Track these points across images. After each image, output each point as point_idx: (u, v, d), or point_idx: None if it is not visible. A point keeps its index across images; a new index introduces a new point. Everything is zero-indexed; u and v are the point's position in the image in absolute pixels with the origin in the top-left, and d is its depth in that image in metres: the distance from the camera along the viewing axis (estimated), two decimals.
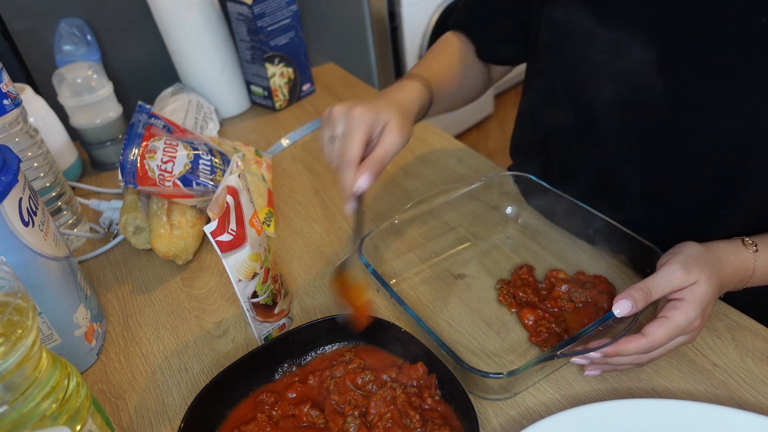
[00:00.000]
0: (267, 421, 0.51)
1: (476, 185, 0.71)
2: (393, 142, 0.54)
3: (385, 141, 0.54)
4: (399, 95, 0.62)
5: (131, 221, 0.75)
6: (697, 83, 0.52)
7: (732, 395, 0.52)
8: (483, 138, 2.65)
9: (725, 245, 0.55)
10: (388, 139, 0.54)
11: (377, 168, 0.53)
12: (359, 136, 0.53)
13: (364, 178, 0.52)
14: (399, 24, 1.93)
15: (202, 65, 1.05)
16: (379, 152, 0.53)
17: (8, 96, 0.68)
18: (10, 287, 0.40)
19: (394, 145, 0.54)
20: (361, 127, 0.53)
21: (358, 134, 0.53)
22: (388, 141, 0.54)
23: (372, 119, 0.54)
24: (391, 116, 0.55)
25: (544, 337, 0.57)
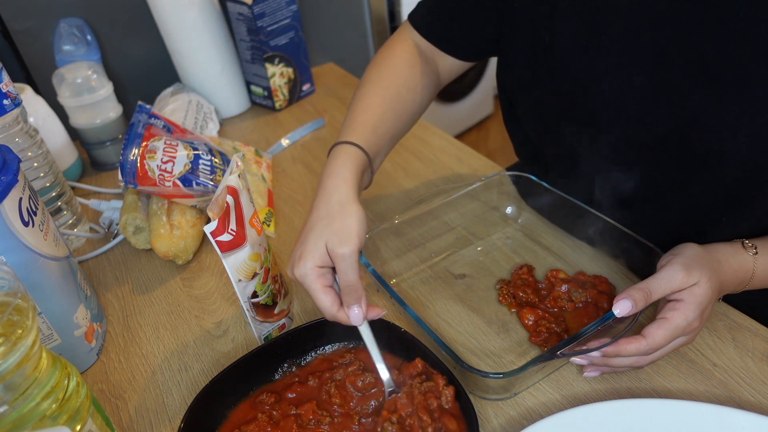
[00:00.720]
0: (267, 421, 0.51)
1: (476, 185, 0.71)
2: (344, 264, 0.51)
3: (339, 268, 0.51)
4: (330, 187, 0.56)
5: (131, 221, 0.75)
6: (701, 98, 0.52)
7: (732, 395, 0.52)
8: (483, 138, 2.65)
9: (725, 247, 0.55)
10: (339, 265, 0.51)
11: (354, 296, 0.51)
12: (318, 292, 0.52)
13: (353, 314, 0.51)
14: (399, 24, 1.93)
15: (202, 65, 1.05)
16: (343, 284, 0.52)
17: (8, 96, 0.68)
18: (10, 287, 0.40)
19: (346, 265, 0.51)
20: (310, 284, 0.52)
21: (315, 292, 0.52)
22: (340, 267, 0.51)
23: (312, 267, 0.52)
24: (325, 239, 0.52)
25: (544, 337, 0.57)
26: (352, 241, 0.51)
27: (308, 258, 0.51)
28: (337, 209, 0.53)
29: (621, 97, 0.57)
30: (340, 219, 0.52)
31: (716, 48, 0.50)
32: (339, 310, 0.52)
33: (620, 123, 0.59)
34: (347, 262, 0.51)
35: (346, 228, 0.52)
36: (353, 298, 0.51)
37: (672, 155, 0.57)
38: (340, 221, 0.52)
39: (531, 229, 0.74)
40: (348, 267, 0.51)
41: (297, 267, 0.52)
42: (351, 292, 0.51)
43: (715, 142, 0.53)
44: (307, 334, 0.57)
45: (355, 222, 0.52)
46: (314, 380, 0.55)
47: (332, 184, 0.56)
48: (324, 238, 0.52)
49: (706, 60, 0.51)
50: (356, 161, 0.58)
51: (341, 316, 0.52)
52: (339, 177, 0.56)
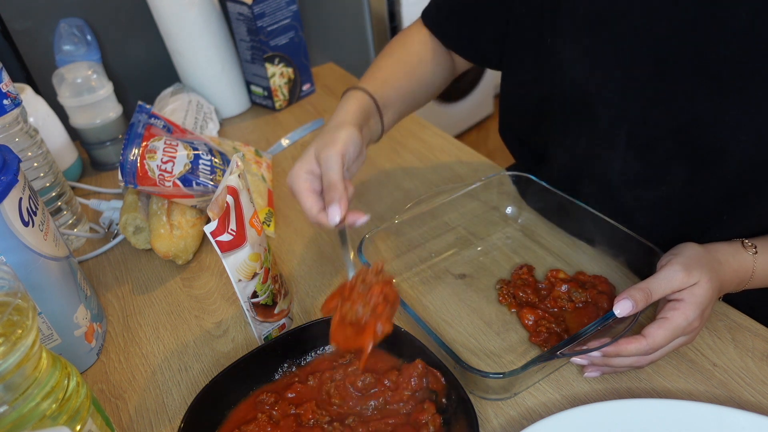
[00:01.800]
0: (267, 421, 0.51)
1: (476, 185, 0.71)
2: (327, 164, 0.54)
3: (324, 168, 0.55)
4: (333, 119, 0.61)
5: (131, 221, 0.75)
6: (703, 97, 0.52)
7: (732, 395, 0.52)
8: (483, 138, 2.65)
9: (725, 247, 0.55)
10: (323, 165, 0.55)
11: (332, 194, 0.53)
12: (303, 194, 0.55)
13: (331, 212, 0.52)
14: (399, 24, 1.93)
15: (202, 65, 1.05)
16: (324, 181, 0.54)
17: (8, 96, 0.68)
18: (10, 287, 0.40)
19: (329, 163, 0.54)
20: (299, 186, 0.55)
21: (301, 193, 0.55)
22: (324, 166, 0.55)
23: (301, 173, 0.55)
24: (315, 147, 0.56)
25: (544, 337, 0.57)
26: (336, 145, 0.55)
27: (298, 165, 0.56)
28: (331, 128, 0.58)
29: (622, 96, 0.57)
30: (331, 133, 0.57)
31: (718, 47, 0.50)
32: (320, 212, 0.54)
33: (621, 123, 0.59)
34: (330, 161, 0.54)
35: (333, 137, 0.56)
36: (332, 197, 0.52)
37: (673, 154, 0.57)
38: (331, 134, 0.57)
39: (531, 229, 0.74)
40: (330, 166, 0.54)
41: (290, 175, 0.56)
42: (331, 190, 0.53)
43: (717, 141, 0.53)
44: (307, 334, 0.57)
45: (344, 134, 0.56)
46: (314, 380, 0.55)
47: (334, 116, 0.61)
48: (315, 150, 0.56)
49: (708, 59, 0.51)
50: (361, 102, 0.63)
51: (321, 218, 0.53)
52: (341, 110, 0.62)
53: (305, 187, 0.55)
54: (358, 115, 0.62)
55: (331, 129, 0.58)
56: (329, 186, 0.53)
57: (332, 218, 0.52)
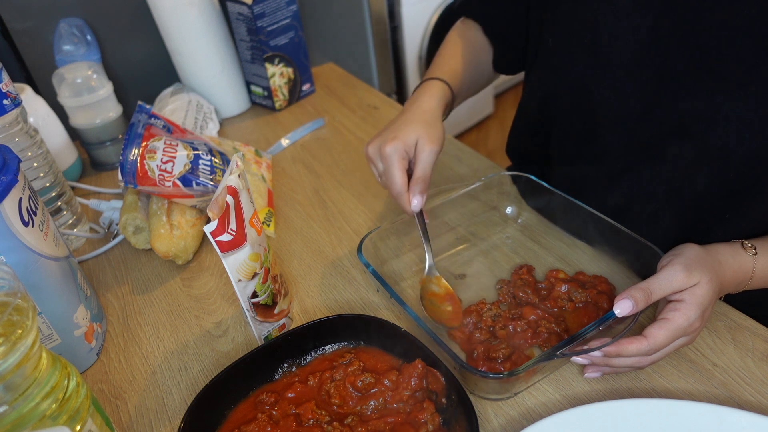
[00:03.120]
0: (267, 421, 0.51)
1: (476, 185, 0.71)
2: (427, 157, 0.61)
3: (421, 159, 0.61)
4: (422, 106, 0.66)
5: (131, 221, 0.75)
6: (704, 93, 0.52)
7: (732, 395, 0.52)
8: (483, 138, 2.64)
9: (725, 248, 0.55)
10: (422, 156, 0.61)
11: (422, 186, 0.60)
12: (396, 169, 0.61)
13: (415, 200, 0.60)
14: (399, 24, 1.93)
15: (202, 65, 1.05)
16: (419, 172, 0.61)
17: (8, 96, 0.68)
18: (10, 287, 0.40)
19: (428, 159, 0.61)
20: (394, 160, 0.61)
21: (395, 168, 0.61)
22: (423, 158, 0.61)
23: (401, 148, 0.61)
24: (418, 133, 0.62)
25: (544, 337, 0.57)
26: (438, 144, 0.62)
27: (401, 141, 0.61)
28: (431, 120, 0.64)
29: (623, 95, 0.58)
30: (434, 127, 0.63)
31: (719, 45, 0.50)
32: (404, 191, 0.61)
33: (622, 122, 0.59)
34: (430, 156, 0.61)
35: (436, 133, 0.63)
36: (421, 188, 0.60)
37: (674, 152, 0.57)
38: (434, 129, 0.63)
39: (531, 229, 0.73)
40: (429, 161, 0.61)
41: (389, 145, 0.61)
42: (421, 182, 0.61)
43: (718, 139, 0.53)
44: (307, 334, 0.57)
45: (442, 134, 0.64)
46: (314, 380, 0.55)
47: (427, 103, 0.67)
48: (417, 134, 0.62)
49: (710, 57, 0.51)
50: (445, 93, 0.69)
51: (404, 198, 0.61)
52: (434, 99, 0.67)
53: (400, 164, 0.61)
54: (444, 107, 0.68)
55: (429, 121, 0.64)
56: (422, 177, 0.61)
57: (416, 206, 0.61)
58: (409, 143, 0.61)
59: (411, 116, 0.64)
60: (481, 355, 0.56)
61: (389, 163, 0.61)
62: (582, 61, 0.60)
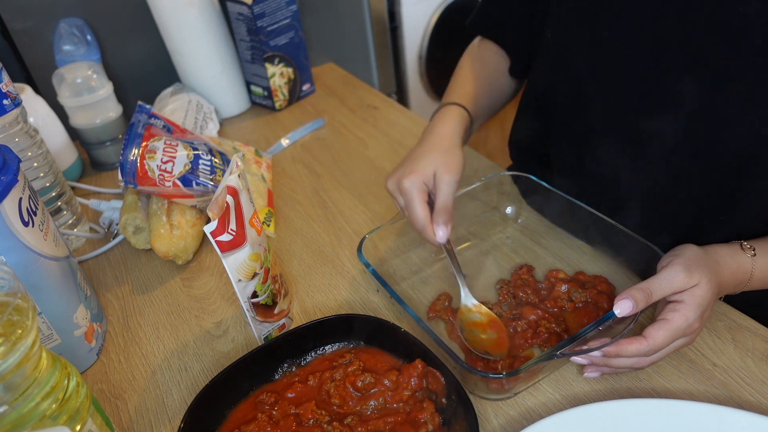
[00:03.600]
0: (267, 421, 0.51)
1: (476, 185, 0.71)
2: (446, 187, 0.60)
3: (441, 191, 0.60)
4: (439, 132, 0.66)
5: (131, 221, 0.75)
6: (702, 92, 0.52)
7: (732, 395, 0.52)
8: (483, 138, 2.64)
9: (723, 249, 0.55)
10: (441, 187, 0.60)
11: (445, 217, 0.59)
12: (417, 204, 0.60)
13: (440, 232, 0.59)
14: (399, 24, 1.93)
15: (202, 65, 1.05)
16: (440, 203, 0.60)
17: (8, 96, 0.68)
18: (10, 287, 0.40)
19: (448, 189, 0.60)
20: (413, 195, 0.60)
21: (415, 202, 0.60)
22: (443, 189, 0.60)
23: (419, 181, 0.60)
24: (436, 164, 0.61)
25: (544, 337, 0.57)
26: (457, 173, 0.61)
27: (419, 174, 0.60)
28: (447, 148, 0.63)
29: (621, 91, 0.58)
30: (452, 155, 0.62)
31: (716, 43, 0.50)
32: (428, 224, 0.60)
33: (618, 117, 0.59)
34: (450, 186, 0.60)
35: (455, 162, 0.62)
36: (444, 219, 0.59)
37: (669, 148, 0.57)
38: (452, 157, 0.62)
39: (531, 229, 0.73)
40: (448, 191, 0.60)
41: (407, 179, 0.60)
42: (444, 213, 0.59)
43: (712, 135, 0.53)
44: (307, 334, 0.57)
45: (461, 161, 0.63)
46: (314, 380, 0.55)
47: (444, 130, 0.66)
48: (434, 165, 0.61)
49: (706, 54, 0.51)
50: (462, 118, 0.69)
51: (428, 231, 0.60)
52: (451, 126, 0.67)
53: (421, 198, 0.60)
54: (462, 134, 0.68)
55: (447, 149, 0.63)
56: (444, 208, 0.60)
57: (441, 237, 0.59)
58: (428, 175, 0.61)
59: (428, 146, 0.64)
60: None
61: (409, 198, 0.60)
62: (581, 56, 0.60)
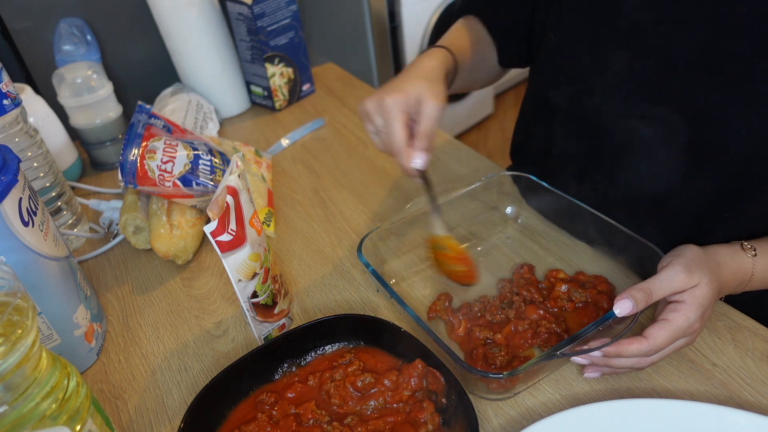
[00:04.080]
0: (267, 421, 0.51)
1: (476, 185, 0.71)
2: (431, 112, 0.56)
3: (425, 114, 0.56)
4: (423, 65, 0.63)
5: (131, 221, 0.75)
6: (706, 93, 0.52)
7: (732, 395, 0.52)
8: (483, 138, 2.64)
9: (724, 249, 0.55)
10: (426, 111, 0.56)
11: (426, 143, 0.56)
12: (398, 123, 0.56)
13: (418, 158, 0.56)
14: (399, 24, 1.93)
15: (202, 65, 1.05)
16: (422, 127, 0.56)
17: (8, 96, 0.68)
18: (10, 287, 0.40)
19: (433, 113, 0.57)
20: (396, 114, 0.56)
21: (396, 121, 0.56)
22: (427, 113, 0.56)
23: (404, 102, 0.57)
24: (421, 88, 0.58)
25: (544, 337, 0.57)
26: (440, 99, 0.57)
27: (403, 94, 0.57)
28: (432, 77, 0.60)
29: (625, 92, 0.58)
30: (437, 86, 0.59)
31: (720, 43, 0.50)
32: (406, 147, 0.56)
33: (623, 118, 0.59)
34: (435, 112, 0.56)
35: (440, 90, 0.59)
36: (424, 145, 0.56)
37: (675, 150, 0.57)
38: (437, 87, 0.59)
39: (531, 229, 0.73)
40: (434, 115, 0.56)
41: (390, 96, 0.56)
42: (425, 139, 0.56)
43: (720, 137, 0.53)
44: (307, 334, 0.57)
45: (443, 89, 0.60)
46: (314, 380, 0.55)
47: (430, 63, 0.63)
48: (420, 89, 0.57)
49: (711, 55, 0.51)
50: (446, 59, 0.66)
51: (405, 154, 0.56)
52: (436, 60, 0.64)
53: (401, 117, 0.56)
54: (445, 71, 0.64)
55: (430, 78, 0.60)
56: (426, 134, 0.56)
57: (419, 164, 0.56)
58: (412, 97, 0.57)
59: (412, 74, 0.61)
60: (480, 355, 0.56)
61: (389, 116, 0.56)
62: (583, 57, 0.60)
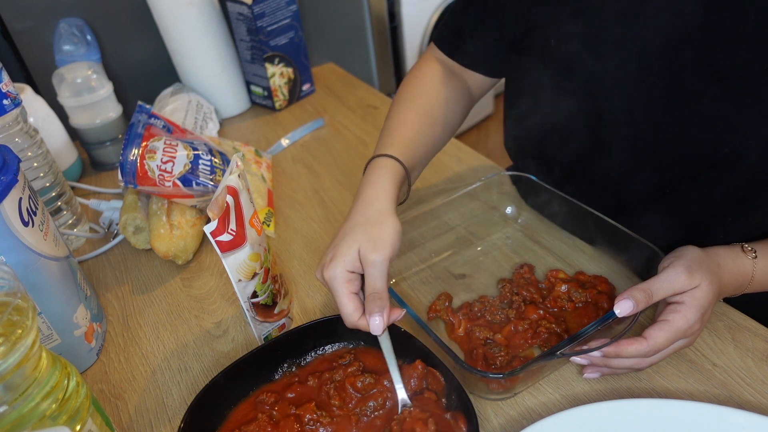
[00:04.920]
0: (267, 421, 0.51)
1: (476, 185, 0.71)
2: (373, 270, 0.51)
3: (368, 274, 0.52)
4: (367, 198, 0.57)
5: (131, 221, 0.75)
6: (712, 100, 0.52)
7: (732, 395, 0.52)
8: (483, 138, 2.64)
9: (725, 251, 0.55)
10: (369, 270, 0.52)
11: (378, 303, 0.50)
12: (343, 298, 0.52)
13: (373, 323, 0.50)
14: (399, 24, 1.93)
15: (202, 65, 1.05)
16: (369, 289, 0.51)
17: (8, 96, 0.68)
18: (10, 287, 0.40)
19: (376, 270, 0.51)
20: (338, 288, 0.52)
21: (340, 297, 0.52)
22: (370, 272, 0.51)
23: (342, 270, 0.52)
24: (361, 243, 0.52)
25: (544, 337, 0.57)
26: (386, 249, 0.51)
27: (339, 261, 0.51)
28: (375, 218, 0.54)
29: (628, 98, 0.57)
30: (378, 228, 0.53)
31: (727, 50, 0.50)
32: (360, 317, 0.51)
33: (627, 125, 0.59)
34: (377, 268, 0.51)
35: (381, 236, 0.52)
36: (377, 306, 0.50)
37: (680, 157, 0.56)
38: (378, 230, 0.53)
39: (531, 229, 0.73)
40: (377, 274, 0.51)
41: (327, 269, 0.52)
42: (375, 300, 0.50)
43: (725, 144, 0.52)
44: (307, 334, 0.57)
45: (392, 232, 0.53)
46: (314, 380, 0.55)
47: (372, 194, 0.57)
48: (358, 244, 0.52)
49: (717, 62, 0.50)
50: (395, 174, 0.59)
51: (362, 323, 0.51)
52: (379, 188, 0.57)
53: (347, 290, 0.51)
54: (395, 194, 0.58)
55: (373, 219, 0.54)
56: (374, 295, 0.51)
57: (376, 330, 0.50)
58: (351, 258, 0.51)
59: (352, 220, 0.55)
60: (480, 355, 0.56)
61: (333, 292, 0.52)
62: (586, 63, 0.59)
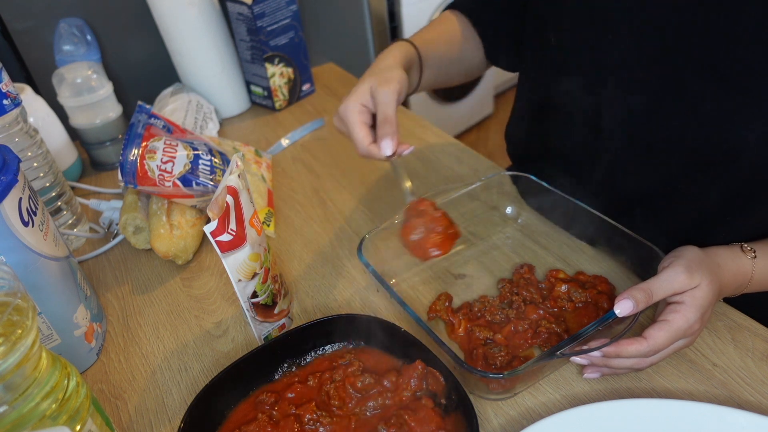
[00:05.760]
0: (267, 421, 0.51)
1: (476, 185, 0.71)
2: (383, 97, 0.58)
3: (378, 102, 0.58)
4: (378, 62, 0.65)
5: (131, 221, 0.75)
6: (711, 98, 0.52)
7: (732, 395, 0.52)
8: (483, 138, 2.64)
9: (724, 251, 0.55)
10: (379, 98, 0.58)
11: (388, 128, 0.57)
12: (355, 126, 0.58)
13: (384, 146, 0.56)
14: (399, 24, 1.93)
15: (202, 65, 1.05)
16: (380, 115, 0.58)
17: (8, 96, 0.68)
18: (10, 287, 0.40)
19: (384, 98, 0.57)
20: (351, 118, 0.58)
21: (353, 125, 0.58)
22: (381, 99, 0.58)
23: (356, 104, 0.58)
24: (370, 82, 0.59)
25: (544, 337, 0.57)
26: (393, 83, 0.58)
27: (352, 97, 0.59)
28: (383, 68, 0.62)
29: (628, 95, 0.57)
30: (386, 72, 0.60)
31: (727, 48, 0.50)
32: (371, 143, 0.57)
33: (625, 123, 0.59)
34: (388, 97, 0.57)
35: (389, 76, 0.59)
36: (388, 131, 0.56)
37: (679, 155, 0.56)
38: (385, 73, 0.60)
39: (531, 229, 0.73)
40: (387, 101, 0.57)
41: (342, 105, 0.59)
42: (386, 124, 0.57)
43: (724, 143, 0.53)
44: (307, 334, 0.57)
45: (398, 73, 0.60)
46: (314, 380, 0.55)
47: (382, 59, 0.65)
48: (369, 83, 0.59)
49: (717, 60, 0.51)
50: (406, 50, 0.67)
51: (373, 149, 0.57)
52: (389, 55, 0.66)
53: (359, 119, 0.58)
54: (404, 61, 0.65)
55: (383, 69, 0.61)
56: (385, 120, 0.57)
57: (385, 150, 0.56)
58: (364, 94, 0.59)
59: (366, 75, 0.62)
60: (480, 355, 0.56)
61: (347, 123, 0.58)
62: (586, 60, 0.59)
